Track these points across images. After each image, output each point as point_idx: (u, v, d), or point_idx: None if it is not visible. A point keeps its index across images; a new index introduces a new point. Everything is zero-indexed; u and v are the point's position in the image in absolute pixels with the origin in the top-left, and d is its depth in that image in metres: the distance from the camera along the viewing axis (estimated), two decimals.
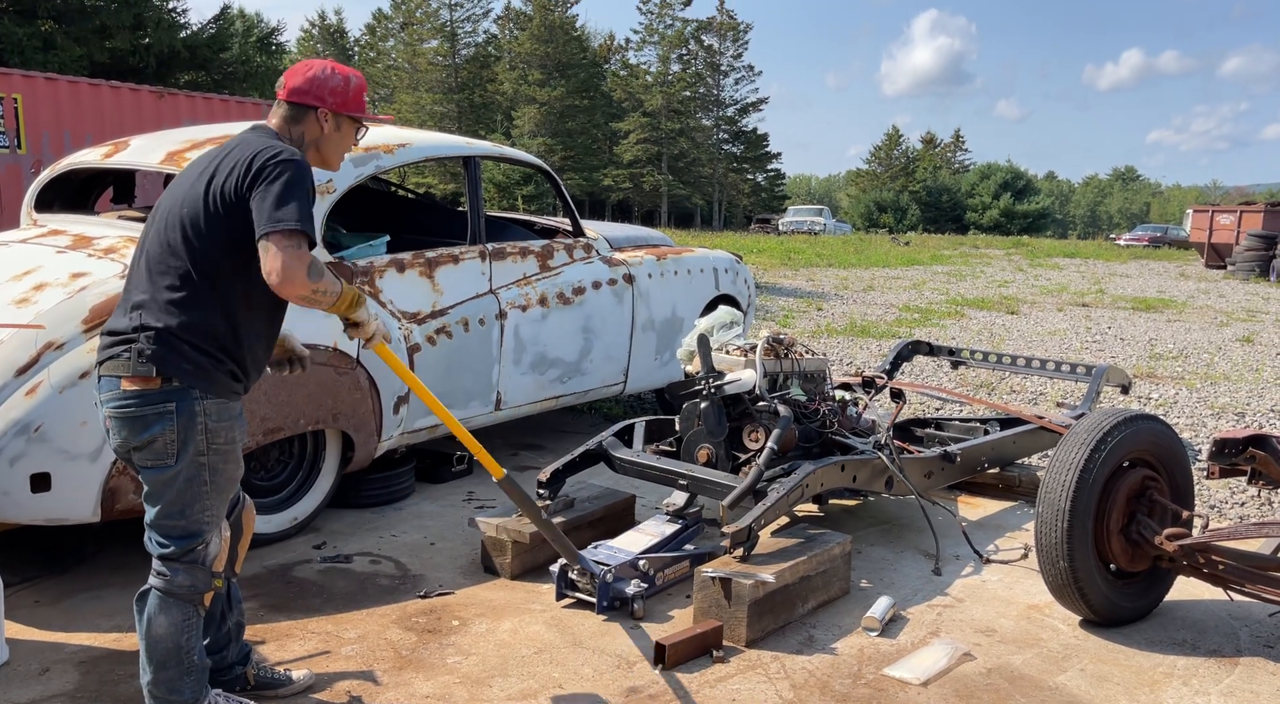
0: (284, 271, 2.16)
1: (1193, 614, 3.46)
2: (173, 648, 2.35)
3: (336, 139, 2.49)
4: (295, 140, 2.43)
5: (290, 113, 2.44)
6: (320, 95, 2.43)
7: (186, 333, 2.28)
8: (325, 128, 2.46)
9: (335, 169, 2.59)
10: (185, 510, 2.32)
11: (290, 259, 2.16)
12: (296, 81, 2.43)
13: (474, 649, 3.05)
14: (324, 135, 2.47)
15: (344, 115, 2.47)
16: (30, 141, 10.27)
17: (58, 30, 20.90)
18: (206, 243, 2.29)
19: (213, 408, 2.31)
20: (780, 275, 17.19)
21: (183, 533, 2.34)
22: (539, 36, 56.88)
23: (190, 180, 2.38)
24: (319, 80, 2.43)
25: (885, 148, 77.55)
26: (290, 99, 2.43)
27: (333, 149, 2.51)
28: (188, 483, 2.30)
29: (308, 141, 2.46)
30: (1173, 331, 11.07)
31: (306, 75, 2.44)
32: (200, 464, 2.30)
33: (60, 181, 4.50)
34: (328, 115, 2.45)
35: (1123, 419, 3.26)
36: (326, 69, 2.46)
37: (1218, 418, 6.49)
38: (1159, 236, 37.91)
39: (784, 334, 4.10)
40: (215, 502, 2.36)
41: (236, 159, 2.31)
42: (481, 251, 4.56)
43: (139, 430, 2.27)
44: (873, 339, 9.63)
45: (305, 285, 2.20)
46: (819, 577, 3.36)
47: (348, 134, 2.51)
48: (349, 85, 2.47)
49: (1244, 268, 20.12)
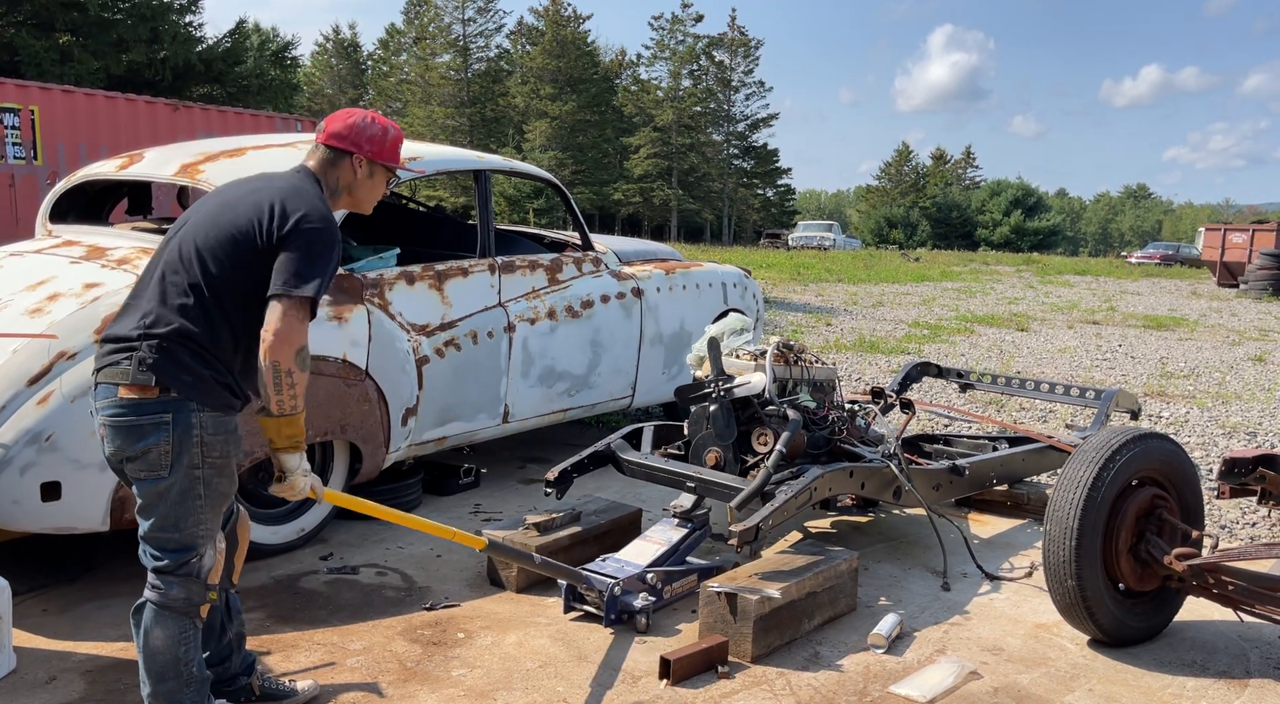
0: (281, 337, 2.24)
1: (1202, 635, 3.43)
2: (170, 660, 2.36)
3: (369, 185, 2.57)
4: (332, 184, 2.51)
5: (328, 157, 2.52)
6: (358, 142, 2.50)
7: (191, 343, 2.30)
8: (359, 174, 2.53)
9: (366, 212, 2.67)
10: (179, 523, 2.33)
11: (292, 329, 2.25)
12: (336, 127, 2.51)
13: (479, 662, 3.05)
14: (357, 180, 2.54)
15: (379, 163, 2.54)
16: (46, 153, 10.38)
17: (75, 43, 21.13)
18: (223, 270, 2.33)
19: (209, 421, 2.32)
20: (789, 290, 17.19)
21: (177, 546, 2.34)
22: (551, 51, 57.20)
23: (217, 206, 2.43)
24: (358, 128, 2.51)
25: (895, 164, 77.57)
26: (328, 143, 2.51)
27: (365, 194, 2.58)
28: (181, 496, 2.31)
29: (341, 185, 2.54)
30: (1184, 350, 11.02)
31: (347, 122, 2.52)
32: (194, 477, 2.31)
33: (75, 193, 4.54)
34: (363, 162, 2.52)
35: (1132, 437, 3.24)
36: (367, 118, 2.54)
37: (1229, 437, 6.46)
38: (1171, 254, 37.76)
39: (794, 341, 4.12)
40: (209, 515, 2.36)
41: (273, 201, 2.35)
42: (491, 264, 4.58)
43: (134, 440, 2.28)
44: (882, 355, 9.62)
45: (289, 360, 2.26)
46: (825, 593, 3.35)
47: (380, 181, 2.59)
48: (386, 136, 2.54)
49: (1256, 287, 20.02)
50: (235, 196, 2.44)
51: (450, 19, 57.85)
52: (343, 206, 2.60)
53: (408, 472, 4.53)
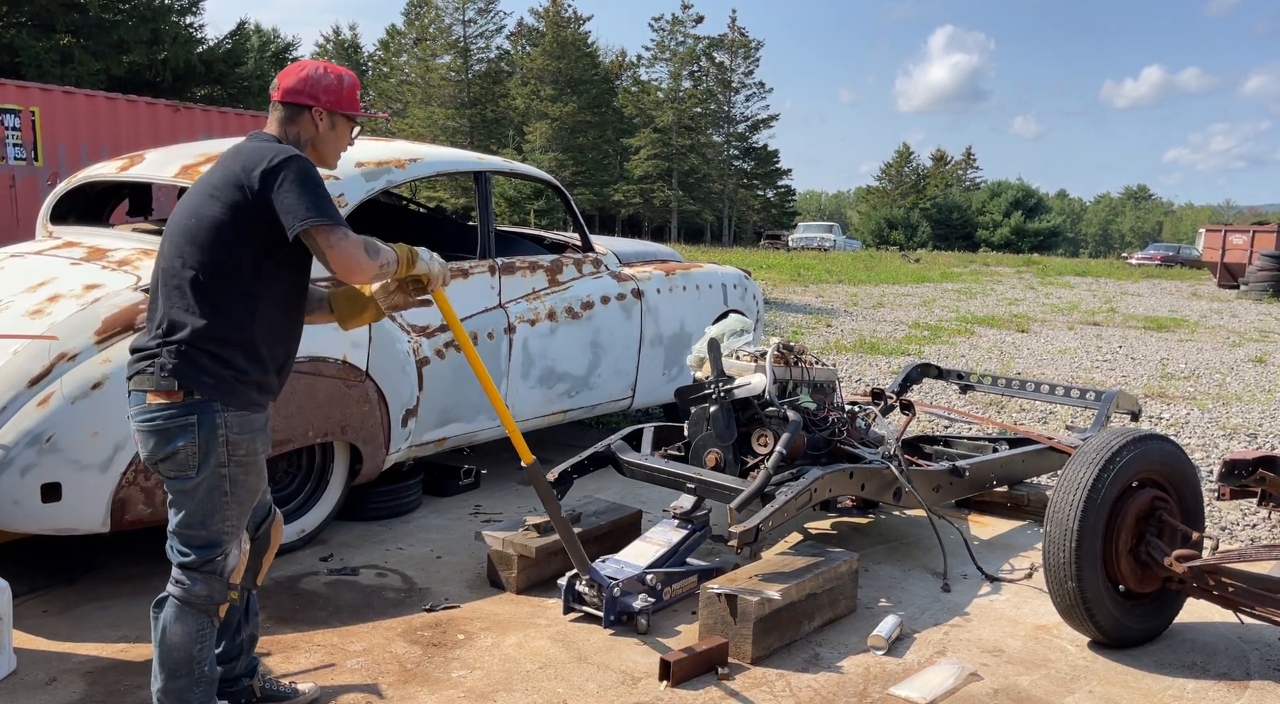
0: (347, 264, 2.29)
1: (1202, 637, 3.43)
2: (185, 657, 2.37)
3: (332, 137, 2.52)
4: (292, 140, 2.47)
5: (286, 113, 2.47)
6: (314, 94, 2.46)
7: (207, 344, 2.30)
8: (320, 127, 2.49)
9: (332, 166, 2.61)
10: (206, 521, 2.35)
11: (346, 251, 2.28)
12: (289, 82, 2.46)
13: (479, 663, 3.05)
14: (319, 134, 2.50)
15: (339, 113, 2.50)
16: (47, 154, 10.38)
17: (76, 44, 21.16)
18: (213, 251, 2.31)
19: (234, 420, 2.33)
20: (789, 291, 17.19)
21: (203, 543, 2.37)
22: (551, 53, 57.24)
23: (193, 194, 2.42)
24: (312, 79, 2.46)
25: (896, 165, 77.61)
26: (284, 99, 2.46)
27: (329, 147, 2.54)
28: (209, 493, 2.33)
29: (304, 140, 2.49)
30: (1184, 351, 11.02)
31: (299, 75, 2.47)
32: (221, 475, 2.33)
33: (76, 194, 4.54)
34: (322, 114, 2.48)
35: (1132, 439, 3.24)
36: (319, 68, 2.49)
37: (1229, 439, 6.45)
38: (1171, 256, 37.76)
39: (794, 342, 4.12)
40: (235, 513, 2.39)
41: (235, 167, 2.34)
42: (491, 266, 4.58)
43: (163, 443, 2.30)
44: (882, 356, 9.62)
45: (372, 266, 2.35)
46: (825, 594, 3.35)
47: (343, 132, 2.54)
48: (342, 83, 2.50)
49: (1257, 288, 20.03)
50: (203, 181, 2.41)
51: (451, 20, 57.89)
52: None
53: (408, 473, 4.53)
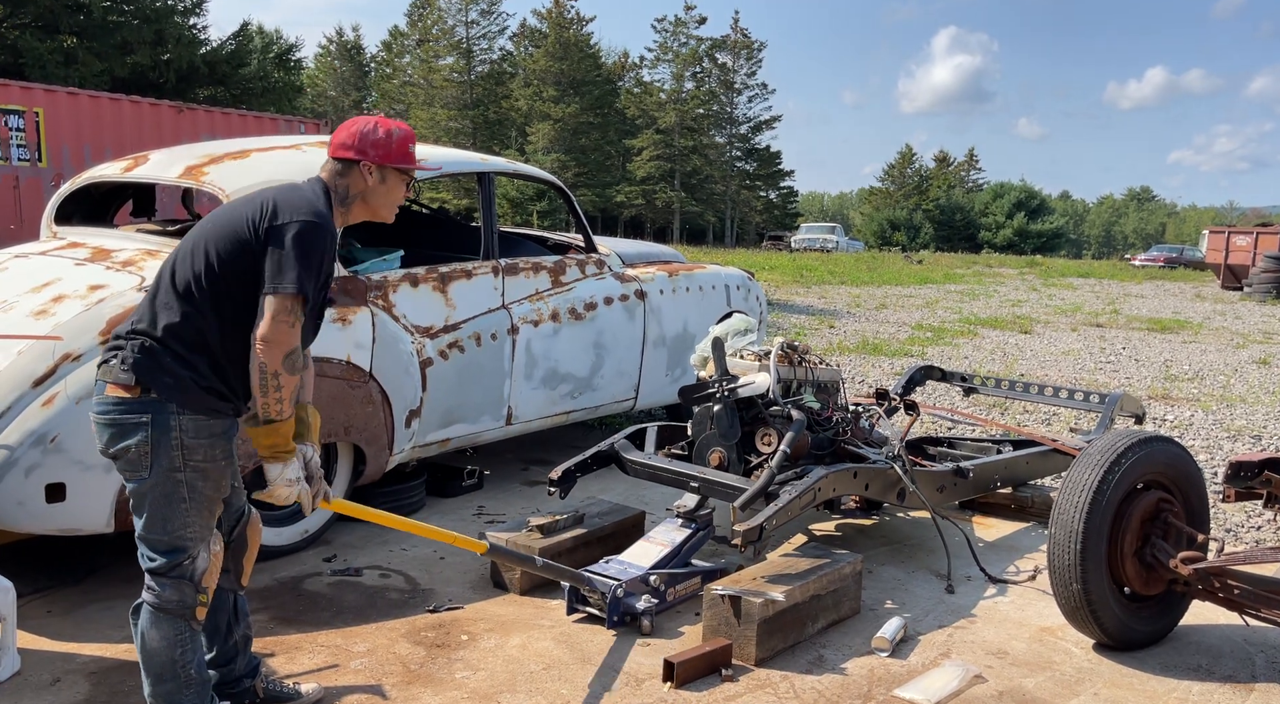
0: (268, 339, 2.25)
1: (1208, 639, 3.42)
2: (167, 661, 2.37)
3: (383, 191, 2.55)
4: (341, 192, 2.51)
5: (337, 168, 2.52)
6: (363, 149, 2.49)
7: (173, 344, 2.30)
8: (370, 181, 2.52)
9: (388, 220, 2.64)
10: (165, 525, 2.33)
11: (278, 330, 2.26)
12: (340, 137, 2.52)
13: (483, 664, 3.05)
14: (369, 187, 2.53)
15: (389, 167, 2.52)
16: (51, 155, 10.40)
17: (79, 45, 21.18)
18: (217, 268, 2.33)
19: (189, 424, 2.30)
20: (792, 293, 17.19)
21: (166, 547, 2.35)
22: (554, 54, 57.26)
23: (223, 213, 2.45)
24: (361, 135, 2.50)
25: (899, 166, 77.58)
26: (335, 155, 2.51)
27: (381, 201, 2.56)
28: (165, 498, 2.31)
29: (353, 194, 2.52)
30: (1188, 353, 11.00)
31: (350, 131, 2.52)
32: (176, 480, 2.31)
33: (80, 195, 4.55)
34: (372, 168, 2.51)
35: (1137, 440, 3.24)
36: (369, 125, 2.53)
37: (1234, 440, 6.44)
38: (1174, 257, 37.71)
39: (798, 342, 4.11)
40: (196, 518, 2.35)
41: (265, 200, 2.38)
42: (495, 267, 4.58)
43: (115, 438, 2.30)
44: (885, 357, 9.61)
45: (276, 362, 2.27)
46: (829, 596, 3.35)
47: (394, 186, 2.56)
48: (390, 138, 2.52)
49: (1260, 289, 19.99)
50: (240, 200, 2.46)
51: (454, 21, 57.96)
52: (361, 216, 2.58)
53: (411, 473, 4.53)
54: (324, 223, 2.36)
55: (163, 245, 3.94)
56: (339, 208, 2.50)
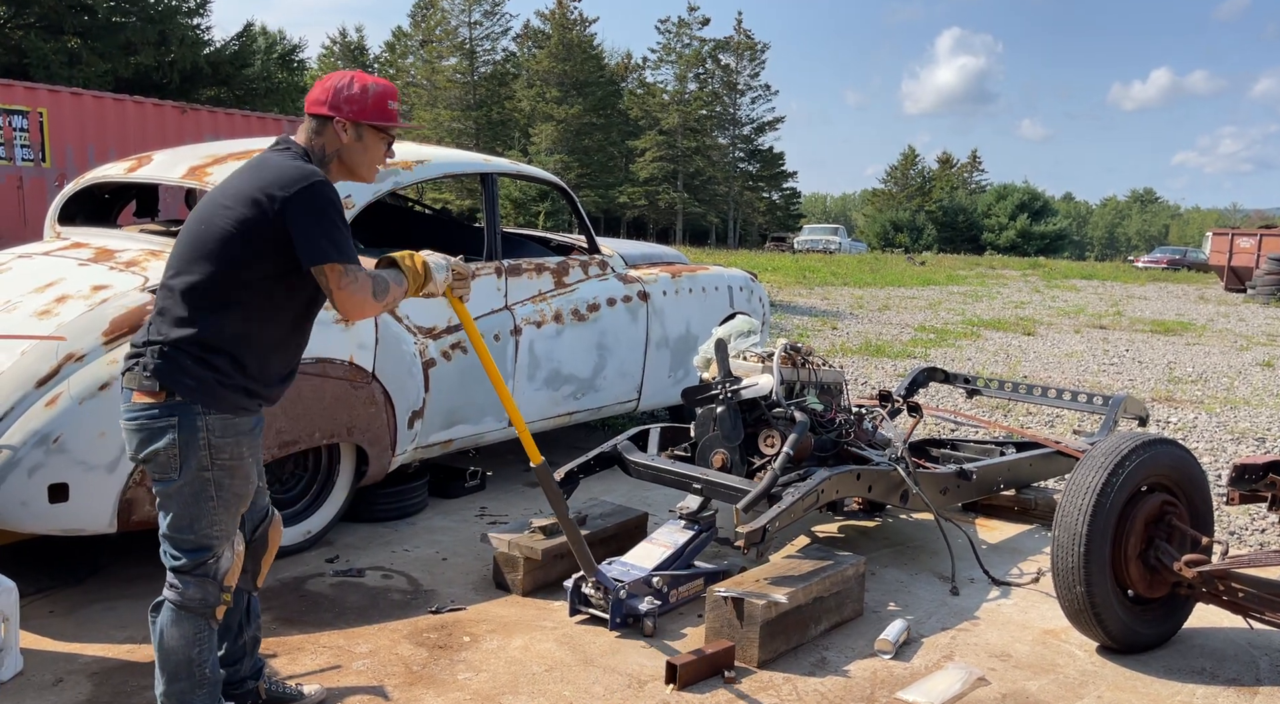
0: (351, 309, 2.34)
1: (1212, 642, 3.41)
2: (184, 660, 2.37)
3: (359, 149, 2.45)
4: (318, 151, 2.43)
5: (312, 125, 2.45)
6: (336, 104, 2.41)
7: (191, 347, 2.29)
8: (345, 138, 2.43)
9: (368, 180, 2.55)
10: (193, 524, 2.33)
11: (352, 295, 2.32)
12: (315, 93, 2.44)
13: (485, 666, 3.04)
14: (345, 145, 2.44)
15: (364, 124, 2.43)
16: (55, 155, 10.42)
17: (83, 46, 21.23)
18: (216, 261, 2.28)
19: (216, 424, 2.30)
20: (795, 294, 17.18)
21: (192, 546, 2.35)
22: (557, 55, 57.31)
23: (208, 201, 2.40)
24: (335, 90, 2.42)
25: (902, 167, 77.56)
26: (310, 111, 2.44)
27: (358, 159, 2.47)
28: (193, 497, 2.31)
29: (329, 152, 2.44)
30: (1192, 355, 10.99)
31: (324, 86, 2.44)
32: (205, 479, 2.31)
33: (84, 195, 4.55)
34: (346, 125, 2.42)
35: (1141, 443, 3.23)
36: (344, 79, 2.44)
37: (1238, 443, 6.43)
38: (1178, 259, 37.67)
39: (801, 344, 4.10)
40: (223, 517, 2.36)
41: (255, 182, 2.31)
42: (497, 268, 4.58)
43: (145, 443, 2.30)
44: (888, 359, 9.60)
45: (376, 308, 2.40)
46: (832, 598, 3.34)
47: (372, 144, 2.46)
48: (366, 93, 2.42)
49: (1264, 291, 19.96)
50: (219, 192, 2.39)
51: (457, 22, 58.03)
52: (338, 176, 2.47)
53: (414, 474, 4.53)
54: (321, 178, 2.32)
55: (166, 246, 3.94)
56: (319, 168, 2.40)
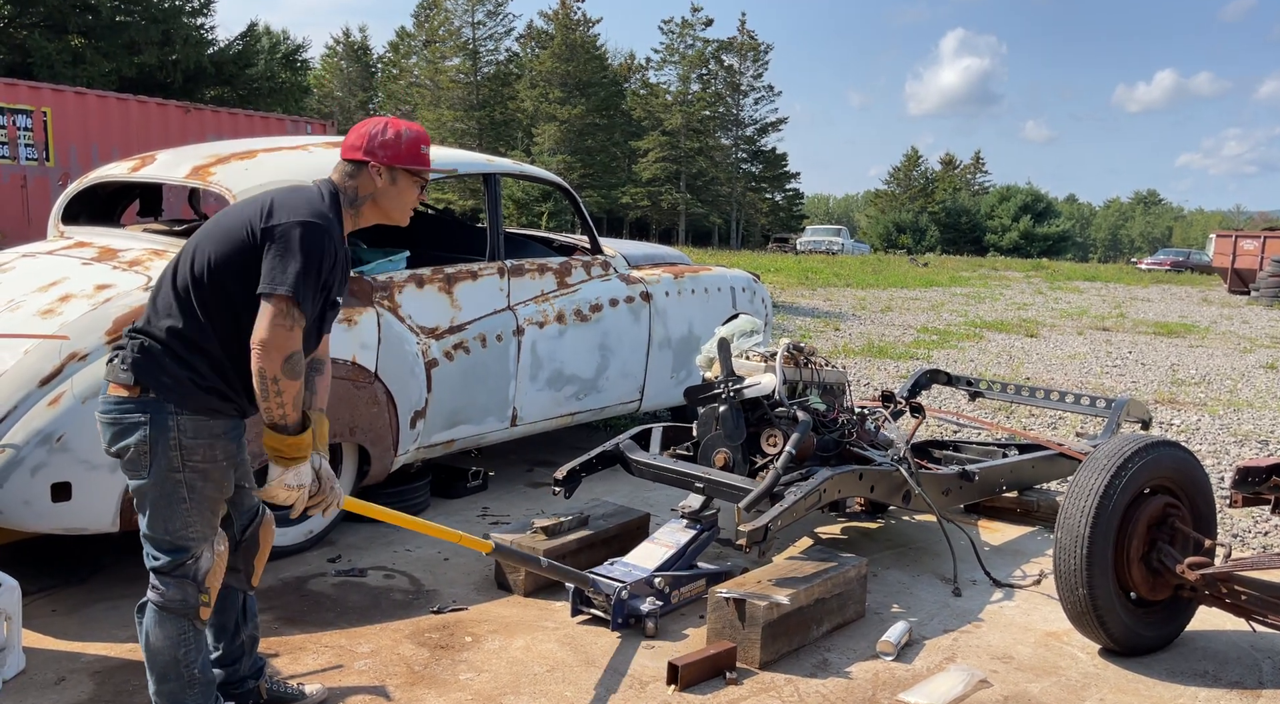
0: (264, 348, 2.22)
1: (1214, 645, 3.41)
2: (170, 661, 2.37)
3: (393, 193, 2.51)
4: (351, 194, 2.49)
5: (348, 169, 2.50)
6: (371, 150, 2.47)
7: (175, 344, 2.30)
8: (379, 182, 2.48)
9: (401, 222, 2.60)
10: (167, 525, 2.33)
11: (274, 333, 2.22)
12: (350, 139, 2.51)
13: (487, 666, 3.04)
14: (379, 189, 2.49)
15: (398, 169, 2.49)
16: (58, 154, 10.44)
17: (87, 46, 21.27)
18: (215, 273, 2.32)
19: (188, 424, 2.30)
20: (797, 295, 17.17)
21: (169, 547, 2.35)
22: (560, 55, 57.30)
23: (227, 214, 2.44)
24: (370, 136, 2.48)
25: (904, 169, 77.51)
26: (346, 156, 2.50)
27: (391, 202, 2.52)
28: (165, 498, 2.31)
29: (362, 195, 2.49)
30: (1195, 357, 10.97)
31: (359, 132, 2.51)
32: (176, 480, 2.30)
33: (87, 194, 4.56)
34: (380, 170, 2.48)
35: (1143, 445, 3.22)
36: (379, 125, 2.51)
37: (1241, 445, 6.42)
38: (1181, 261, 37.65)
39: (804, 344, 4.10)
40: (197, 519, 2.35)
41: (266, 201, 2.37)
42: (500, 268, 4.58)
43: (117, 437, 2.30)
44: (890, 360, 9.60)
45: (275, 367, 2.23)
46: (834, 599, 3.34)
47: (405, 187, 2.52)
48: (400, 139, 2.49)
49: (1268, 293, 19.93)
50: (243, 202, 2.45)
51: (460, 22, 58.03)
52: (372, 218, 2.54)
53: (416, 474, 4.53)
54: (324, 223, 2.34)
55: (169, 245, 3.95)
56: (349, 210, 2.48)
